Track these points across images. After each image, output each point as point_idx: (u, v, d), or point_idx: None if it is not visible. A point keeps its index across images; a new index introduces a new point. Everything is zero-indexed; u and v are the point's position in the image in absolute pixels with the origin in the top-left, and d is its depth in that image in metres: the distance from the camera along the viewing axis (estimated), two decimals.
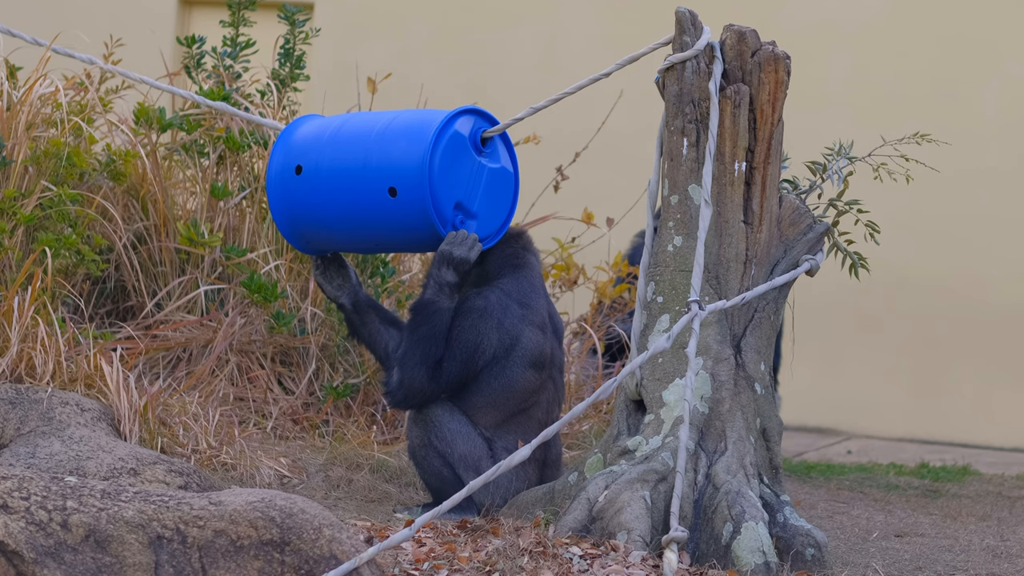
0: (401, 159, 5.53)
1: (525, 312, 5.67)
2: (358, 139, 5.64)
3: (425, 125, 5.55)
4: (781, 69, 5.46)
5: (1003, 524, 6.43)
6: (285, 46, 7.27)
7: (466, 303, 5.62)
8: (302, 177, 5.66)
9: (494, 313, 5.58)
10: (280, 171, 5.72)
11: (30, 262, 6.17)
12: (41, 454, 5.40)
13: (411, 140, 5.54)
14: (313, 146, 5.70)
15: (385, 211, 5.55)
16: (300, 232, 5.76)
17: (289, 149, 5.73)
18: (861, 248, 5.81)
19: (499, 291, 5.65)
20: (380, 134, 5.61)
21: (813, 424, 9.93)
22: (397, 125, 5.61)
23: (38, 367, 5.86)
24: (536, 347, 5.65)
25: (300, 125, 5.82)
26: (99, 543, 4.03)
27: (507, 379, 5.61)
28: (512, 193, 5.76)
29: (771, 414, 5.43)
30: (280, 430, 6.45)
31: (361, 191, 5.58)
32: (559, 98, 5.80)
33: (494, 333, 5.58)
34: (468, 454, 5.58)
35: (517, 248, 5.79)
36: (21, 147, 6.48)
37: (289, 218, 5.74)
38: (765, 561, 5.04)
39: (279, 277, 6.82)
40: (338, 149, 5.65)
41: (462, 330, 5.57)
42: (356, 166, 5.59)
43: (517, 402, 5.63)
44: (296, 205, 5.70)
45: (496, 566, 4.69)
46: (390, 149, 5.56)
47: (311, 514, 4.19)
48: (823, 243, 5.58)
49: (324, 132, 5.72)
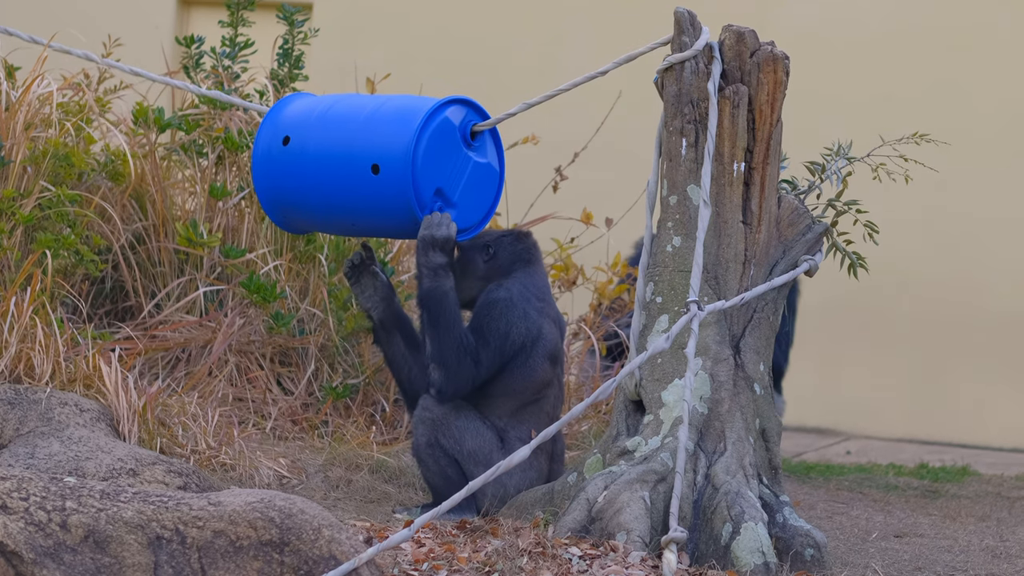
0: (388, 139, 5.52)
1: (543, 306, 5.73)
2: (347, 119, 5.63)
3: (416, 110, 5.55)
4: (780, 69, 5.46)
5: (1002, 524, 6.42)
6: (284, 46, 7.27)
7: (491, 295, 5.65)
8: (288, 149, 5.64)
9: (519, 304, 5.63)
10: (267, 144, 5.70)
11: (29, 262, 6.17)
12: (40, 454, 5.40)
13: (400, 122, 5.53)
14: (302, 122, 5.68)
15: (366, 189, 5.53)
16: (280, 206, 5.74)
17: (277, 124, 5.72)
18: (860, 248, 5.81)
19: (520, 284, 5.69)
20: (370, 115, 5.60)
21: (812, 424, 9.93)
22: (388, 108, 5.61)
23: (37, 367, 5.85)
24: (554, 340, 5.71)
25: (289, 103, 5.81)
26: (98, 544, 4.03)
27: (529, 369, 5.64)
28: (495, 190, 5.76)
29: (770, 415, 5.43)
30: (279, 430, 6.45)
31: (345, 167, 5.56)
32: (554, 94, 5.79)
33: (522, 323, 5.61)
34: (478, 450, 5.58)
35: (528, 245, 5.82)
36: (19, 147, 6.47)
37: (271, 191, 5.71)
38: (764, 562, 5.04)
39: (278, 277, 6.82)
40: (326, 127, 5.64)
41: (492, 319, 5.59)
42: (342, 143, 5.58)
43: (532, 392, 5.66)
44: (279, 179, 5.67)
45: (495, 566, 4.69)
46: (378, 129, 5.55)
47: (310, 515, 4.19)
48: (822, 244, 5.58)
49: (314, 111, 5.71)
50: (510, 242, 5.81)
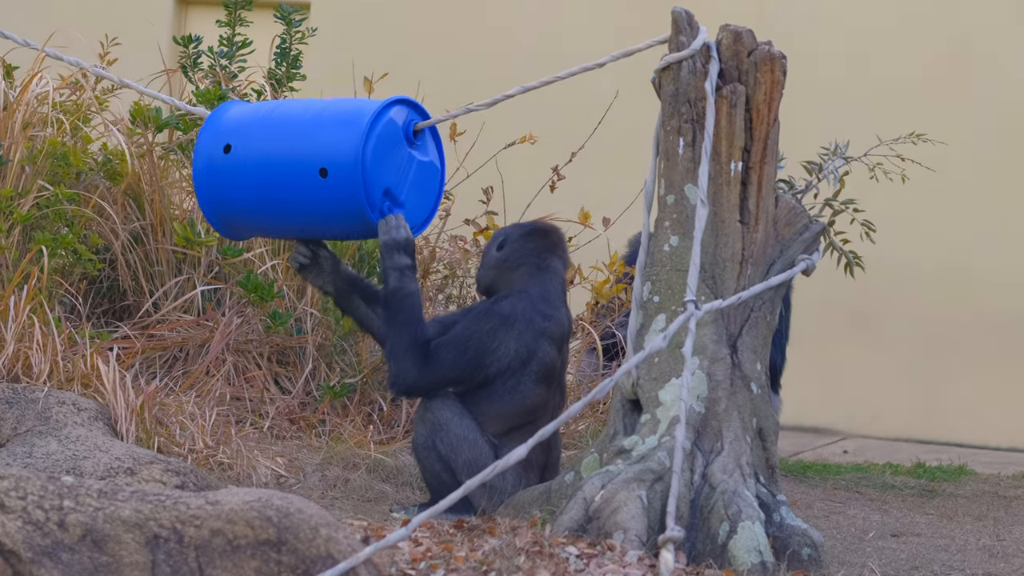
0: (335, 142, 5.51)
1: (547, 325, 5.66)
2: (290, 123, 5.63)
3: (360, 111, 5.55)
4: (777, 69, 5.47)
5: (999, 524, 6.43)
6: (281, 46, 7.28)
7: (494, 305, 5.63)
8: (230, 157, 5.61)
9: (517, 324, 5.59)
10: (207, 152, 5.65)
11: (27, 261, 6.17)
12: (38, 453, 5.40)
13: (346, 124, 5.53)
14: (243, 128, 5.66)
15: (315, 193, 5.52)
16: (226, 217, 5.70)
17: (218, 132, 5.69)
18: (857, 247, 5.82)
19: (528, 299, 5.65)
20: (313, 119, 5.60)
21: (809, 424, 9.93)
22: (331, 112, 5.61)
23: (35, 366, 5.85)
24: (549, 362, 5.65)
25: (228, 109, 5.79)
26: (96, 542, 4.03)
27: (521, 395, 5.61)
28: (438, 188, 5.79)
29: (767, 414, 5.43)
30: (277, 430, 6.45)
31: (291, 173, 5.54)
32: (536, 86, 5.80)
33: (512, 343, 5.59)
34: (473, 462, 5.57)
35: (541, 246, 5.77)
36: (17, 146, 6.48)
37: (215, 202, 5.67)
38: (761, 561, 5.04)
39: (276, 277, 6.82)
40: (269, 133, 5.62)
41: (479, 331, 5.58)
42: (286, 148, 5.57)
43: (523, 416, 5.64)
44: (223, 188, 5.63)
45: (493, 565, 4.69)
46: (323, 133, 5.55)
47: (308, 514, 4.19)
48: (819, 243, 5.58)
49: (255, 115, 5.70)
50: (518, 237, 5.78)
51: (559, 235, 5.86)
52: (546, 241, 5.78)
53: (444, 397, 5.61)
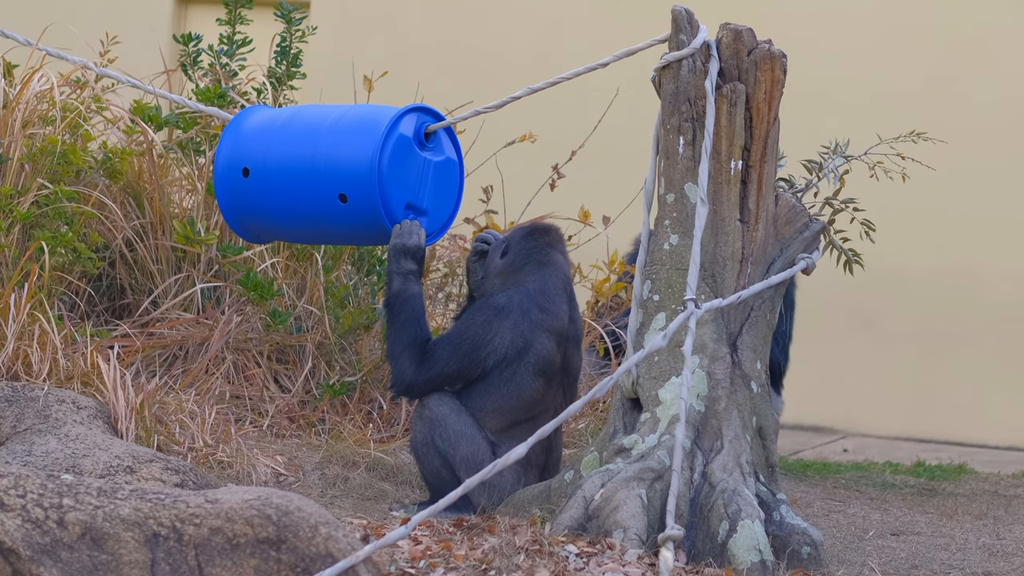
0: (350, 164, 5.60)
1: (544, 317, 5.64)
2: (306, 137, 5.68)
3: (374, 129, 5.59)
4: (777, 68, 5.47)
5: (999, 522, 6.43)
6: (281, 44, 7.27)
7: (489, 300, 5.63)
8: (250, 179, 5.74)
9: (512, 314, 5.58)
10: (227, 169, 5.78)
11: (26, 259, 6.17)
12: (37, 452, 5.40)
13: (357, 145, 5.58)
14: (260, 145, 5.74)
15: (336, 214, 5.64)
16: (248, 227, 5.88)
17: (236, 146, 5.78)
18: (857, 246, 5.82)
19: (524, 292, 5.64)
20: (329, 131, 5.65)
21: (809, 422, 9.93)
22: (345, 123, 5.64)
23: (34, 364, 5.85)
24: (547, 355, 5.63)
25: (247, 118, 5.84)
26: (95, 541, 4.03)
27: (516, 386, 5.60)
28: (458, 181, 5.81)
29: (767, 412, 5.43)
30: (276, 428, 6.45)
31: (311, 195, 5.65)
32: (532, 90, 5.81)
33: (507, 333, 5.58)
34: (471, 457, 5.57)
35: (542, 243, 5.77)
36: (17, 144, 6.48)
37: (237, 215, 5.83)
38: (761, 559, 5.04)
39: (275, 275, 6.82)
40: (285, 149, 5.69)
41: (473, 324, 5.58)
42: (304, 175, 5.67)
43: (524, 410, 5.62)
44: (244, 203, 5.79)
45: (492, 564, 4.69)
46: (338, 153, 5.62)
47: (307, 512, 4.19)
48: (819, 242, 5.58)
49: (272, 127, 5.75)
50: (520, 238, 5.78)
51: (559, 233, 5.86)
52: (547, 238, 5.78)
53: (441, 394, 5.62)
